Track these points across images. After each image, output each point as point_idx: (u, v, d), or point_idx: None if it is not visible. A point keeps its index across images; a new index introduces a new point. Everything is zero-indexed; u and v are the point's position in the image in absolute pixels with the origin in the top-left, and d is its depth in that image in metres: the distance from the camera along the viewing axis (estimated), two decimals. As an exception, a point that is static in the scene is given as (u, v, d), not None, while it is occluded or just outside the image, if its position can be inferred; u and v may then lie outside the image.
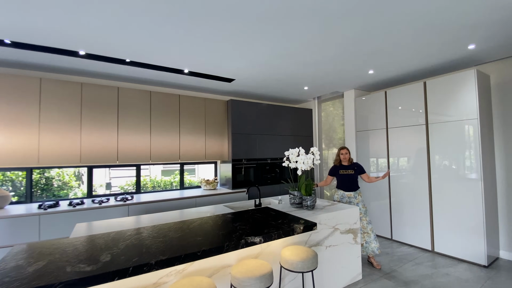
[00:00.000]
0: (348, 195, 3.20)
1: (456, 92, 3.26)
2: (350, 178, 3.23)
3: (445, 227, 3.35)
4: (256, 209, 2.53)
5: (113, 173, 4.51)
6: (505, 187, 3.24)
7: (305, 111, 5.42)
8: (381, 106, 4.17)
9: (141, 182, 4.22)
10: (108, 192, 4.10)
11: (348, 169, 3.25)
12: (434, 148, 3.49)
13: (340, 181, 3.30)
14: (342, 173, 3.29)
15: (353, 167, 3.27)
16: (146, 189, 4.27)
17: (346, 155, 3.27)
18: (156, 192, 4.19)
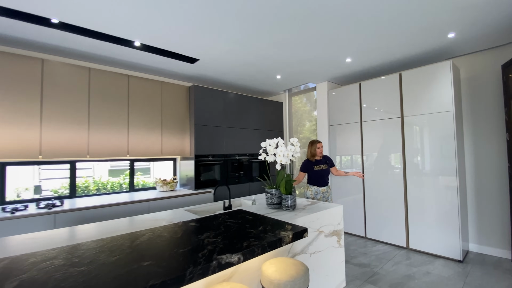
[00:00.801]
0: (322, 191, 3.13)
1: (432, 84, 3.17)
2: (325, 173, 3.17)
3: (420, 223, 3.25)
4: (227, 213, 2.02)
5: (45, 173, 3.56)
6: (474, 180, 3.25)
7: (275, 104, 5.06)
8: (355, 99, 3.99)
9: (81, 184, 3.37)
10: (37, 196, 3.17)
11: (322, 164, 3.18)
12: (409, 141, 3.38)
13: (314, 176, 3.15)
14: (317, 169, 3.14)
15: (325, 161, 3.24)
16: (88, 192, 3.43)
17: (321, 149, 3.18)
18: (99, 196, 3.39)
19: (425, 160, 3.23)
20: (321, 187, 3.12)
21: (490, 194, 3.12)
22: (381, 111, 3.67)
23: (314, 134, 4.90)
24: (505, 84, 2.65)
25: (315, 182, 3.14)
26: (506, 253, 2.98)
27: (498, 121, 3.06)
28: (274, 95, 5.40)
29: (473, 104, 3.28)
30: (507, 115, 2.63)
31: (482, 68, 3.19)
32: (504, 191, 3.01)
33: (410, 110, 3.38)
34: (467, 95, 3.32)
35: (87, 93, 3.01)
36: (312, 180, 3.16)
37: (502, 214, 3.03)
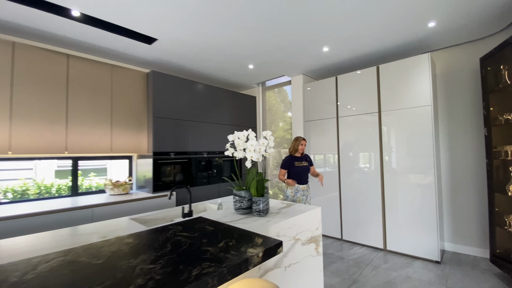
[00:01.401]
0: (302, 188, 3.04)
1: (410, 77, 3.03)
2: (305, 170, 3.11)
3: (397, 223, 3.09)
4: (184, 222, 1.60)
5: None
6: (449, 177, 3.18)
7: (248, 98, 4.69)
8: (331, 93, 3.77)
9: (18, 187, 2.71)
10: None
11: (302, 161, 3.13)
12: (386, 138, 3.22)
13: (295, 173, 3.06)
14: (298, 165, 3.07)
15: (305, 158, 3.19)
16: (27, 197, 2.79)
17: (303, 146, 3.14)
18: (38, 201, 2.75)
19: (403, 158, 3.09)
20: (301, 184, 3.03)
21: (465, 192, 3.06)
22: (358, 106, 3.48)
23: (289, 133, 4.63)
24: (484, 77, 2.56)
25: (295, 179, 3.03)
26: (481, 251, 2.93)
27: (476, 116, 2.99)
28: (247, 88, 5.03)
29: (449, 100, 3.21)
30: (485, 109, 2.54)
31: (459, 62, 3.13)
32: (479, 188, 2.96)
33: (387, 105, 3.22)
34: (444, 90, 3.25)
35: (9, 75, 2.39)
36: (293, 177, 3.05)
37: (477, 212, 2.97)
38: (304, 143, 3.14)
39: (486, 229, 2.88)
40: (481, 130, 2.92)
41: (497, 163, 2.48)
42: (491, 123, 2.51)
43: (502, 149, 2.39)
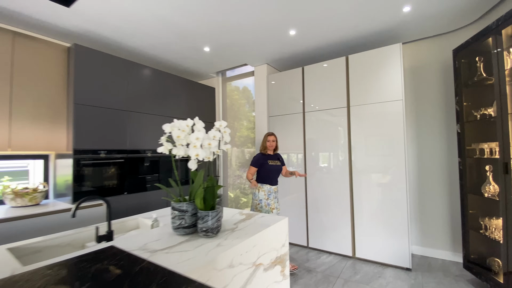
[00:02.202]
0: (274, 190, 2.75)
1: (380, 69, 2.79)
2: (278, 170, 2.81)
3: (366, 228, 2.83)
4: (78, 260, 1.01)
5: None
6: (417, 177, 3.03)
7: (206, 89, 4.11)
8: (297, 85, 3.40)
9: None
10: None
11: (275, 160, 2.82)
12: (356, 135, 2.95)
13: (267, 173, 2.74)
14: (271, 164, 2.75)
15: (278, 157, 2.89)
16: None
17: (274, 142, 2.81)
18: None
19: (373, 157, 2.84)
20: (273, 185, 2.75)
21: (434, 192, 2.92)
22: (326, 100, 3.17)
23: (253, 132, 4.18)
24: (457, 70, 2.40)
25: (267, 180, 2.73)
26: (449, 254, 2.81)
27: (448, 112, 2.86)
28: (205, 78, 4.44)
29: (418, 95, 3.06)
30: (458, 105, 2.38)
31: (430, 56, 2.99)
32: (451, 189, 2.83)
33: (356, 99, 2.95)
34: (413, 85, 3.09)
35: None
36: (265, 177, 2.74)
37: (447, 214, 2.84)
38: (272, 139, 2.79)
39: (456, 232, 2.76)
40: (454, 127, 2.80)
41: (470, 162, 2.33)
42: (465, 119, 2.35)
43: (476, 147, 2.23)
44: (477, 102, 2.28)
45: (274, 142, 2.80)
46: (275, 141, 2.81)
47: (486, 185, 2.14)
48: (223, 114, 4.37)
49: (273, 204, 2.68)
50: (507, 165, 1.82)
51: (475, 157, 2.26)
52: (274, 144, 2.79)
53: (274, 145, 2.79)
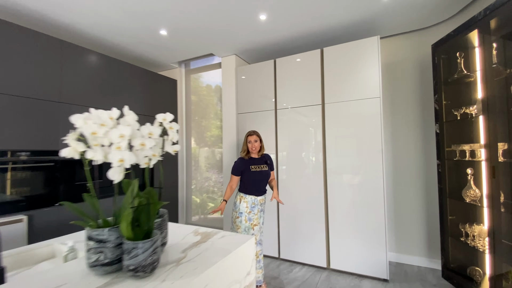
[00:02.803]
0: (260, 201, 2.27)
1: (357, 63, 2.58)
2: (265, 177, 2.30)
3: (342, 237, 2.60)
4: None
5: None
6: (392, 181, 2.88)
7: (166, 81, 3.61)
8: (269, 80, 3.08)
9: None
10: None
11: (261, 164, 2.30)
12: (331, 134, 2.70)
13: (250, 182, 2.24)
14: (255, 170, 2.25)
15: (266, 160, 2.34)
16: None
17: (256, 143, 2.28)
18: None
19: (348, 159, 2.61)
20: (259, 196, 2.25)
21: (410, 196, 2.78)
22: (300, 96, 2.89)
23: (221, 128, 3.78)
24: (436, 67, 2.25)
25: (251, 190, 2.23)
26: (425, 261, 2.68)
27: (426, 111, 2.72)
28: (166, 68, 3.93)
29: (394, 93, 2.91)
30: (437, 103, 2.23)
31: (408, 51, 2.84)
32: (427, 193, 2.71)
33: (332, 96, 2.70)
34: (388, 83, 2.93)
35: None
36: (248, 186, 2.25)
37: (423, 219, 2.71)
38: (254, 139, 2.27)
39: (432, 238, 2.64)
40: (432, 127, 2.67)
41: (450, 164, 2.18)
42: (444, 119, 2.20)
43: (456, 148, 2.08)
44: (457, 100, 2.15)
45: (257, 142, 2.27)
46: (258, 140, 2.28)
47: (467, 189, 2.00)
48: (187, 110, 3.90)
49: (255, 219, 2.20)
50: (494, 169, 1.66)
51: (455, 160, 2.11)
52: (258, 145, 2.27)
53: (257, 146, 2.26)
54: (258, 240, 2.24)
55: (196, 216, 4.11)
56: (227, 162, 3.32)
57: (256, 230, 2.21)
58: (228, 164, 3.31)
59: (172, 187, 3.67)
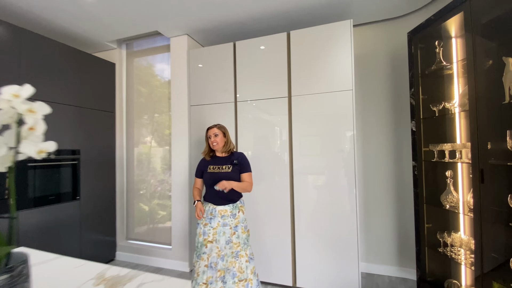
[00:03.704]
0: (221, 213, 1.81)
1: (328, 50, 2.25)
2: (225, 178, 1.82)
3: (309, 251, 2.26)
4: None
5: None
6: (362, 185, 2.63)
7: (102, 65, 2.92)
8: (228, 67, 2.61)
9: None
10: None
11: (222, 165, 1.90)
12: (298, 131, 2.34)
13: (208, 186, 1.90)
14: (211, 172, 1.88)
15: (231, 159, 1.92)
16: None
17: (217, 137, 1.91)
18: None
19: (318, 160, 2.28)
20: (219, 205, 1.83)
21: (382, 201, 2.56)
22: (264, 87, 2.47)
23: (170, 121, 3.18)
24: (413, 57, 2.01)
25: (209, 197, 1.89)
26: (395, 270, 2.48)
27: (401, 107, 2.49)
28: (102, 48, 3.20)
29: (367, 87, 2.66)
30: (413, 98, 2.00)
31: (382, 41, 2.60)
32: (400, 197, 2.49)
33: (300, 88, 2.34)
34: (361, 75, 2.67)
35: None
36: (206, 192, 1.92)
37: (394, 225, 2.51)
38: (214, 132, 1.90)
39: (403, 245, 2.45)
40: (408, 125, 2.44)
41: (428, 166, 1.96)
42: (421, 115, 1.97)
43: (434, 149, 1.86)
44: (435, 95, 1.93)
45: (219, 136, 1.90)
46: (221, 135, 1.91)
47: (446, 194, 1.78)
48: (128, 101, 3.23)
49: (211, 235, 1.77)
50: (483, 172, 1.43)
51: (433, 161, 1.89)
52: (220, 140, 1.89)
53: (218, 142, 1.89)
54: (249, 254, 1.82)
55: (144, 227, 3.45)
56: (178, 164, 2.77)
57: (209, 249, 1.74)
58: (178, 168, 2.76)
59: (107, 195, 2.99)
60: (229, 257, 1.70)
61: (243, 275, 1.69)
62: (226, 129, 1.99)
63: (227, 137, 1.95)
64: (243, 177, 1.89)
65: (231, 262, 1.69)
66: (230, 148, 1.96)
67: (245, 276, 1.69)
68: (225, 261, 1.70)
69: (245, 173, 1.89)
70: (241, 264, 1.71)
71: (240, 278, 1.67)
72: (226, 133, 1.96)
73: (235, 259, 1.70)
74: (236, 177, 1.85)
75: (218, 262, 1.70)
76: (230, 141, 1.97)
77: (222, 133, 1.93)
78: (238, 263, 1.70)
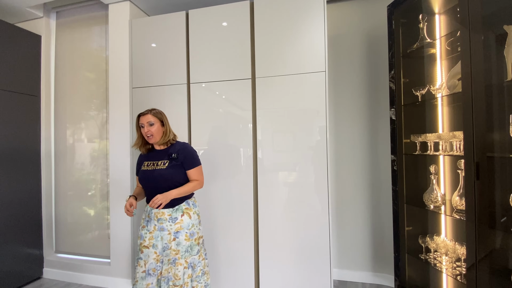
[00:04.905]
0: (158, 216, 1.49)
1: (298, 24, 1.90)
2: (157, 179, 1.49)
3: (275, 257, 1.92)
4: None
5: None
6: (334, 181, 2.35)
7: (24, 37, 2.29)
8: (179, 41, 2.15)
9: None
10: None
11: (158, 160, 1.54)
12: (263, 118, 1.97)
13: (142, 185, 1.57)
14: (145, 169, 1.54)
15: (170, 152, 1.54)
16: None
17: (152, 127, 1.51)
18: None
19: (286, 153, 1.93)
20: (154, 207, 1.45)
21: (355, 200, 2.29)
22: (222, 66, 2.05)
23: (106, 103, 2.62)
24: (393, 34, 1.73)
25: (146, 197, 1.57)
26: (369, 276, 2.24)
27: (380, 92, 2.21)
28: (25, 18, 2.53)
29: (340, 69, 2.36)
30: (394, 82, 1.72)
31: (358, 21, 2.29)
32: (376, 195, 2.23)
33: (265, 68, 1.97)
34: (334, 57, 2.36)
35: None
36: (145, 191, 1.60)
37: (368, 227, 2.25)
38: (147, 120, 1.51)
39: (378, 249, 2.21)
40: (387, 112, 2.15)
41: (409, 160, 1.70)
42: (402, 102, 1.70)
43: (417, 140, 1.60)
44: (419, 77, 1.67)
45: (154, 126, 1.51)
46: (157, 123, 1.53)
47: (430, 193, 1.53)
48: (57, 83, 2.61)
49: (147, 239, 1.50)
50: (478, 167, 1.17)
51: (415, 154, 1.64)
52: (154, 132, 1.51)
53: (154, 133, 1.51)
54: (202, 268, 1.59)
55: (88, 234, 2.86)
56: (117, 160, 2.26)
57: (145, 255, 1.49)
58: (117, 164, 2.26)
59: (29, 199, 2.39)
60: (165, 264, 1.49)
61: (179, 281, 1.47)
62: (164, 115, 1.60)
63: (165, 126, 1.57)
64: (190, 174, 1.55)
65: (166, 269, 1.49)
66: (169, 138, 1.58)
67: (181, 282, 1.48)
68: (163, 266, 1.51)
69: (191, 170, 1.54)
70: (177, 271, 1.47)
71: (175, 284, 1.47)
72: (165, 120, 1.58)
73: (171, 265, 1.48)
74: (175, 175, 1.51)
75: (157, 267, 1.49)
76: (170, 130, 1.60)
77: (160, 121, 1.55)
78: (174, 269, 1.47)
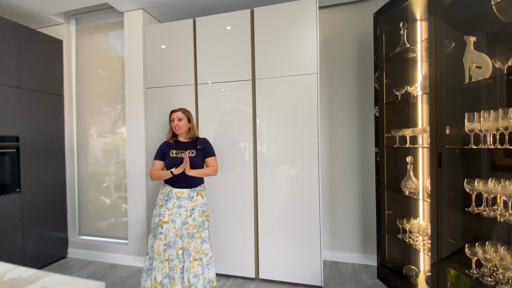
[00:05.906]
0: (178, 194, 1.80)
1: (293, 30, 2.11)
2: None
3: (273, 241, 2.17)
4: None
5: None
6: (326, 172, 2.58)
7: (46, 41, 2.57)
8: (187, 46, 2.39)
9: None
10: None
11: (185, 150, 1.87)
12: (262, 117, 2.21)
13: (168, 169, 1.85)
14: (173, 156, 1.86)
15: (195, 145, 1.91)
16: None
17: (181, 122, 1.86)
18: None
19: (284, 146, 2.17)
20: (176, 188, 1.81)
21: (346, 188, 2.52)
22: (226, 68, 2.29)
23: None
24: (378, 39, 1.93)
25: (168, 179, 1.85)
26: (359, 257, 2.48)
27: (365, 92, 2.43)
28: (48, 24, 2.82)
29: (331, 71, 2.57)
30: (378, 82, 1.93)
31: (347, 25, 2.50)
32: (364, 184, 2.46)
33: (264, 70, 2.20)
34: (325, 60, 2.57)
35: None
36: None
37: (357, 212, 2.48)
38: (178, 116, 1.86)
39: (365, 232, 2.44)
40: (371, 110, 2.38)
41: (389, 152, 1.92)
42: (384, 100, 1.91)
43: (396, 134, 1.82)
44: (399, 78, 1.87)
45: (182, 121, 1.86)
46: (185, 119, 1.87)
47: (406, 180, 1.75)
48: (78, 83, 2.89)
49: (166, 216, 1.75)
50: (440, 157, 1.38)
51: (394, 147, 1.85)
52: (182, 125, 1.85)
53: (181, 126, 1.85)
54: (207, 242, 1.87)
55: (102, 221, 3.18)
56: (133, 153, 2.53)
57: (166, 230, 1.74)
58: (134, 157, 2.54)
59: (56, 187, 2.70)
60: (185, 237, 1.75)
61: (198, 255, 1.75)
62: (191, 115, 1.95)
63: (191, 123, 1.93)
64: (208, 161, 1.92)
65: (188, 242, 1.74)
66: (194, 134, 1.94)
67: (200, 256, 1.77)
68: (183, 240, 1.75)
69: (210, 158, 1.92)
70: (196, 245, 1.75)
71: (195, 258, 1.74)
72: (191, 118, 1.93)
73: (191, 240, 1.74)
74: (199, 162, 1.86)
75: (176, 241, 1.73)
76: (195, 127, 1.96)
77: (187, 118, 1.90)
78: (193, 243, 1.75)
